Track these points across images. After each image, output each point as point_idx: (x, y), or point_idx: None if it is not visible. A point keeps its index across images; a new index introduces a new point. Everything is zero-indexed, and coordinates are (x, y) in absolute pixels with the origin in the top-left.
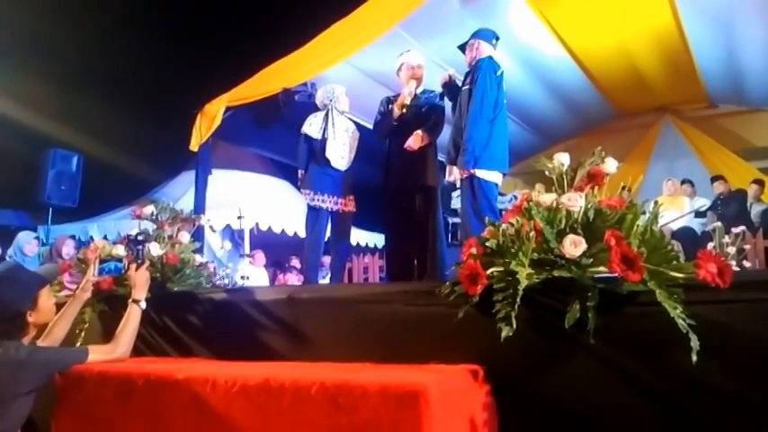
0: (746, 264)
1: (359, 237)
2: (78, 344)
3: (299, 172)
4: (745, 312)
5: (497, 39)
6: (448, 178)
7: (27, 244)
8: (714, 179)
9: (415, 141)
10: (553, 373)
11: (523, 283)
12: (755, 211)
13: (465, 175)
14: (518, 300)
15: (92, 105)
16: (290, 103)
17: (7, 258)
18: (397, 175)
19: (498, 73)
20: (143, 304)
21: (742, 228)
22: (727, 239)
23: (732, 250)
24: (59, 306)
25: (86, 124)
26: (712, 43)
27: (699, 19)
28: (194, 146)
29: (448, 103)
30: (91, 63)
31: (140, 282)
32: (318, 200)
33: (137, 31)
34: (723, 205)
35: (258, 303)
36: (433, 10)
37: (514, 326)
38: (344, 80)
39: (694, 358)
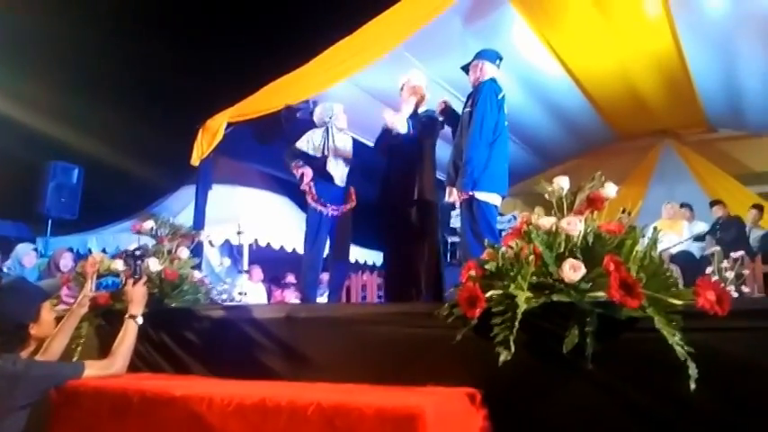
0: (745, 289)
1: (357, 254)
2: (75, 359)
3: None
4: (743, 340)
5: (501, 59)
6: (447, 199)
7: (26, 255)
8: (713, 203)
9: (390, 116)
10: (551, 398)
11: (522, 306)
12: (754, 235)
13: (464, 197)
14: (517, 323)
15: (94, 117)
16: (291, 120)
17: (5, 270)
18: (395, 192)
19: (500, 96)
20: (140, 320)
21: (741, 253)
22: (725, 264)
23: (731, 275)
24: (57, 320)
25: (88, 136)
26: (712, 68)
27: (699, 43)
28: (195, 161)
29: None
30: (94, 73)
31: (137, 297)
32: (322, 204)
33: (141, 47)
34: (722, 230)
35: (255, 321)
36: (436, 31)
37: (513, 350)
38: (346, 98)
39: (692, 386)
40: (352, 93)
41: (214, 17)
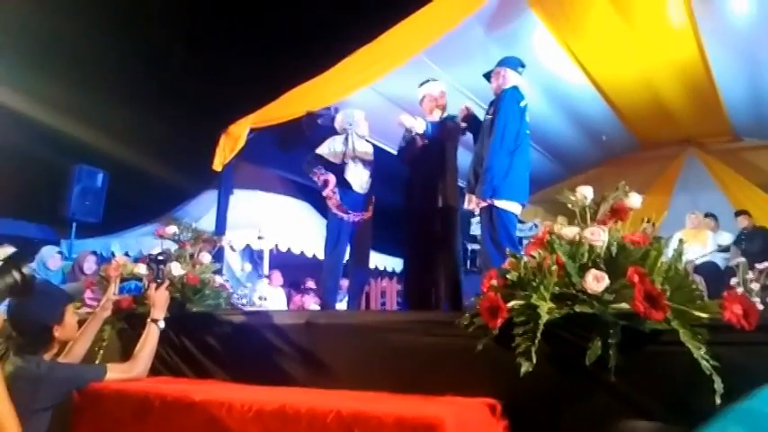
0: None
1: (377, 260)
2: (97, 361)
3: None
4: None
5: (523, 66)
6: (467, 206)
7: (50, 258)
8: (738, 213)
9: (405, 118)
10: (572, 411)
11: (544, 317)
12: None
13: (483, 205)
14: (538, 334)
15: (118, 120)
16: (313, 127)
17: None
18: (417, 199)
19: (522, 104)
20: (161, 324)
21: (766, 264)
22: (750, 275)
23: (756, 286)
24: (80, 323)
25: (112, 139)
26: (737, 76)
27: (724, 51)
28: (218, 166)
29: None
30: (118, 77)
31: (159, 301)
32: (342, 210)
33: (166, 52)
34: (747, 240)
35: (275, 327)
36: (458, 38)
37: (534, 361)
38: (367, 105)
39: (718, 401)
40: (373, 99)
41: (237, 23)
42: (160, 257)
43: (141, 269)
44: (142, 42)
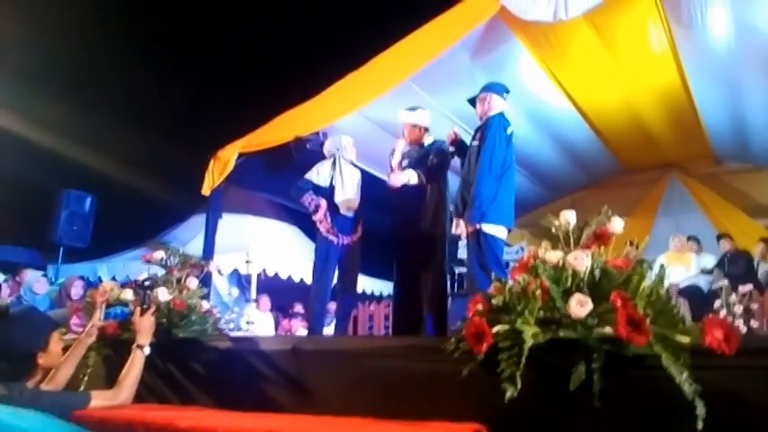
0: (754, 323)
1: (364, 284)
2: (81, 388)
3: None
4: (752, 379)
5: (508, 92)
6: (455, 231)
7: (36, 282)
8: (720, 237)
9: (395, 178)
10: None
11: (529, 342)
12: (762, 269)
13: (471, 230)
14: (523, 359)
15: (108, 144)
16: (301, 151)
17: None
18: (404, 224)
19: (508, 131)
20: (147, 350)
21: (749, 287)
22: (734, 298)
23: (739, 309)
24: (65, 350)
25: (101, 163)
26: (718, 101)
27: (704, 77)
28: (206, 190)
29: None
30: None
31: (145, 327)
32: (333, 233)
33: (157, 75)
34: (730, 263)
35: (262, 353)
36: (444, 64)
37: (519, 386)
38: (356, 130)
39: (700, 425)
40: (361, 124)
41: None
42: (147, 283)
43: (128, 295)
44: (133, 68)
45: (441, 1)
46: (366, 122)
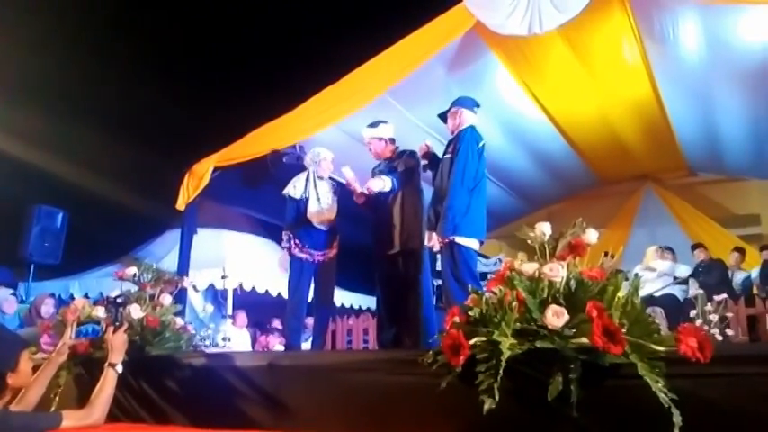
0: (729, 332)
1: (343, 298)
2: (53, 408)
3: (284, 233)
4: (726, 386)
5: (478, 106)
6: (427, 243)
7: (5, 302)
8: (695, 247)
9: (371, 184)
10: None
11: (506, 353)
12: (737, 278)
13: (444, 242)
14: (501, 371)
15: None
16: (278, 165)
17: None
18: (383, 238)
19: (480, 145)
20: (119, 368)
21: (724, 295)
22: (709, 307)
23: (715, 318)
24: (35, 369)
25: (74, 177)
26: (690, 113)
27: (677, 90)
28: (181, 205)
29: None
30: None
31: (117, 345)
32: (306, 252)
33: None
34: (704, 273)
35: (238, 369)
36: (421, 78)
37: (497, 398)
38: (333, 143)
39: None
40: (338, 137)
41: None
42: (119, 300)
43: (99, 312)
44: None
45: (417, 15)
46: (343, 136)
